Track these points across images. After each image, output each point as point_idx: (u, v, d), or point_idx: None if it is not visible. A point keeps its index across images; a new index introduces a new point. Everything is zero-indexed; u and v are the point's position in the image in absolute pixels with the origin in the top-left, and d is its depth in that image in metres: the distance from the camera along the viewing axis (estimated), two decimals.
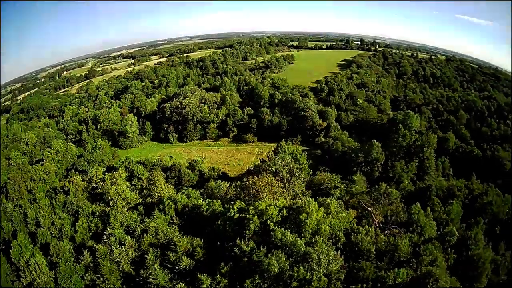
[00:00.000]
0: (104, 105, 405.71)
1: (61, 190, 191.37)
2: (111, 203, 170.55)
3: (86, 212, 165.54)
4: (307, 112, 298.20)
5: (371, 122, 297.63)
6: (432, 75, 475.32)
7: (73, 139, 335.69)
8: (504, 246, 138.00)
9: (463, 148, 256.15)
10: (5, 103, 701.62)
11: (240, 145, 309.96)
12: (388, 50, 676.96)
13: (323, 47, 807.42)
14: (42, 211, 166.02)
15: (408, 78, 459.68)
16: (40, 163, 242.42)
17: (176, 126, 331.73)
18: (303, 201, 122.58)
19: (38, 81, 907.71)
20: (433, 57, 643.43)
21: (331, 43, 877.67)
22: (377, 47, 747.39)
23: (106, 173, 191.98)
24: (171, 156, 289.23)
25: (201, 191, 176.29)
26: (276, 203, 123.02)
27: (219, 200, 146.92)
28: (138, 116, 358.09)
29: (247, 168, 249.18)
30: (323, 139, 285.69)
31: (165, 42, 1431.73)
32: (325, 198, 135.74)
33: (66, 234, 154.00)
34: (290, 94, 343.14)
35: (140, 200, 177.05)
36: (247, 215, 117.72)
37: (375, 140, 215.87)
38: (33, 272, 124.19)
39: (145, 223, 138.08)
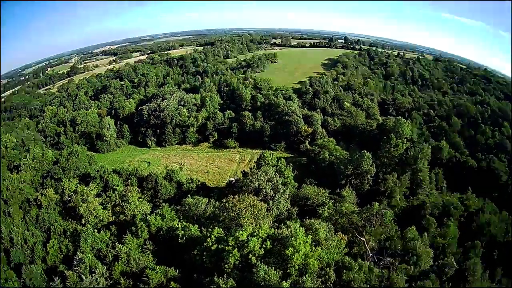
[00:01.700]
0: (83, 105, 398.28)
1: (34, 203, 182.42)
2: (83, 221, 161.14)
3: (58, 230, 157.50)
4: (291, 117, 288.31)
5: (359, 128, 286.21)
6: (421, 77, 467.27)
7: (51, 142, 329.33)
8: (501, 271, 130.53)
9: (457, 158, 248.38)
10: None
11: (221, 150, 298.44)
12: (374, 49, 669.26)
13: (306, 45, 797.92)
14: (16, 227, 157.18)
15: (396, 79, 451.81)
16: (17, 170, 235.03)
17: (155, 130, 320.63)
18: (289, 230, 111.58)
19: (23, 78, 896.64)
20: (420, 57, 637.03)
21: (315, 41, 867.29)
22: (362, 45, 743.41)
23: (79, 185, 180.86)
24: (149, 162, 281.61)
25: (178, 207, 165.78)
26: (259, 231, 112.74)
27: (196, 225, 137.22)
28: (116, 118, 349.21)
29: (228, 177, 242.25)
30: (308, 146, 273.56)
31: (147, 38, 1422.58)
32: (313, 221, 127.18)
33: (38, 254, 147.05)
34: (273, 97, 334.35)
35: (113, 218, 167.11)
36: (226, 247, 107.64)
37: (365, 151, 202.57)
38: None
39: (117, 249, 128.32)
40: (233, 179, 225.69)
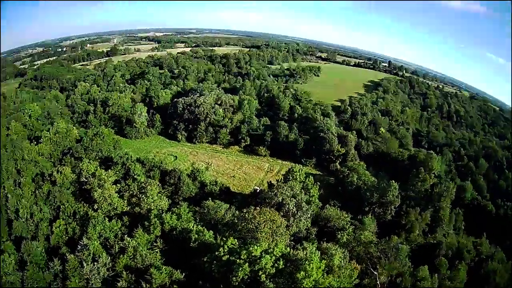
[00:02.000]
0: (118, 88, 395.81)
1: (48, 179, 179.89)
2: (96, 206, 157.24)
3: (67, 211, 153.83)
4: (326, 134, 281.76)
5: (391, 155, 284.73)
6: (456, 113, 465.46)
7: (78, 119, 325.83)
8: None
9: (477, 201, 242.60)
10: (23, 66, 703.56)
11: (251, 156, 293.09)
12: (415, 77, 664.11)
13: (351, 64, 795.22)
14: (24, 199, 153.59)
15: (433, 112, 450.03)
16: (37, 141, 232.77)
17: (187, 125, 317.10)
18: (304, 253, 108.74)
19: (60, 50, 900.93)
20: (458, 92, 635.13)
21: (359, 60, 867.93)
22: (404, 72, 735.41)
23: (98, 168, 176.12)
24: (176, 156, 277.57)
25: (196, 209, 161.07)
26: (273, 248, 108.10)
27: (211, 231, 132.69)
28: (149, 106, 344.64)
29: (254, 184, 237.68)
30: (338, 166, 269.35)
31: (194, 31, 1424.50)
32: (330, 245, 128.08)
33: (42, 232, 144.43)
34: (311, 111, 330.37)
35: (128, 208, 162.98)
36: (238, 260, 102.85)
37: (393, 181, 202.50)
38: (1, 271, 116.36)
39: (125, 241, 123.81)
40: (258, 188, 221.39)
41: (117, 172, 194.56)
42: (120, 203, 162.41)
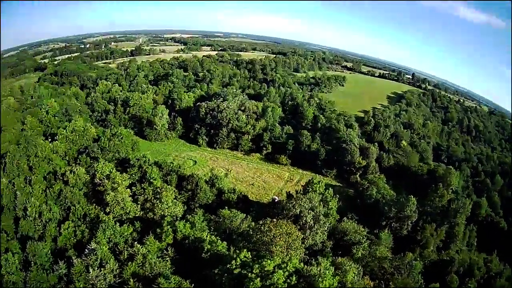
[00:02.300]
0: (140, 88, 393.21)
1: (61, 178, 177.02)
2: (107, 209, 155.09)
3: (78, 213, 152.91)
4: (348, 146, 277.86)
5: (411, 169, 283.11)
6: (475, 128, 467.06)
7: (98, 117, 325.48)
8: None
9: (491, 218, 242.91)
10: (44, 60, 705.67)
11: (271, 165, 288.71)
12: (437, 91, 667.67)
13: (376, 75, 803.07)
14: (33, 197, 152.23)
15: (453, 126, 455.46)
16: (53, 138, 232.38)
17: (208, 129, 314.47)
18: (318, 269, 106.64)
19: (83, 46, 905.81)
20: (477, 107, 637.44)
21: (384, 71, 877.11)
22: (427, 85, 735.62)
23: (113, 171, 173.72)
24: (195, 161, 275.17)
25: (212, 217, 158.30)
26: (287, 263, 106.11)
27: (224, 242, 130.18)
28: (171, 109, 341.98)
29: (272, 194, 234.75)
30: (358, 179, 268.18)
31: (221, 35, 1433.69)
32: (344, 260, 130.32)
33: (49, 232, 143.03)
34: (335, 121, 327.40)
35: (141, 214, 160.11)
36: (249, 274, 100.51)
37: (411, 196, 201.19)
38: (3, 270, 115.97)
39: (134, 248, 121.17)
40: (276, 197, 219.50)
41: (133, 175, 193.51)
42: (133, 208, 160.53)
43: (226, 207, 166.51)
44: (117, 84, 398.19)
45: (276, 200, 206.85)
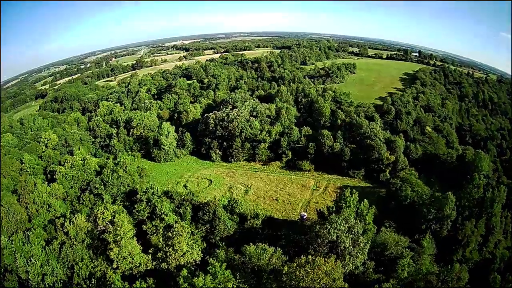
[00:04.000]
0: (143, 105, 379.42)
1: (61, 229, 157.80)
2: (114, 265, 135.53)
3: (82, 273, 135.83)
4: (373, 141, 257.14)
5: (440, 158, 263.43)
6: (490, 100, 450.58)
7: (101, 143, 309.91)
8: None
9: None
10: (44, 87, 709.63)
11: (294, 173, 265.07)
12: (446, 66, 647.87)
13: (383, 57, 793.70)
14: (33, 258, 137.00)
15: (469, 102, 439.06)
16: (52, 176, 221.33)
17: (221, 142, 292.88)
18: None
19: (84, 66, 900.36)
20: (487, 77, 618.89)
21: (390, 52, 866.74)
22: (435, 61, 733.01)
23: (116, 215, 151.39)
24: (211, 180, 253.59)
25: (236, 257, 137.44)
26: None
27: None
28: (178, 123, 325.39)
29: (300, 207, 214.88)
30: (388, 176, 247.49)
31: (222, 36, 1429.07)
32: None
33: None
34: (355, 115, 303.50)
35: (153, 265, 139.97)
36: None
37: (450, 193, 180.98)
38: None
39: None
40: (305, 214, 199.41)
41: (142, 211, 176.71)
42: (144, 259, 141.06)
43: (251, 243, 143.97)
44: (118, 104, 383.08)
45: (304, 217, 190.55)
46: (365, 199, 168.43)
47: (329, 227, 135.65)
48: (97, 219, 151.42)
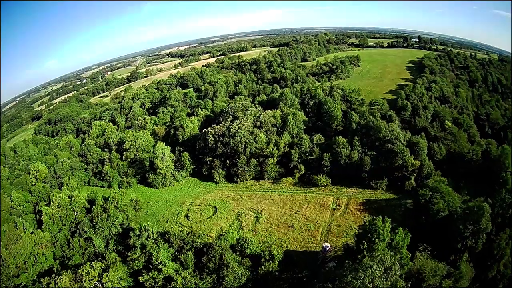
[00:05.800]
0: (137, 122, 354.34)
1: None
2: None
3: None
4: (395, 146, 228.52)
5: (465, 156, 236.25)
6: (499, 82, 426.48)
7: (94, 170, 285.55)
8: None
9: None
10: (41, 107, 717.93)
11: (309, 189, 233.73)
12: (449, 49, 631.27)
13: (384, 45, 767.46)
14: None
15: (480, 87, 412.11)
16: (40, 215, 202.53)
17: (223, 160, 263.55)
18: None
19: (80, 82, 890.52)
20: (490, 58, 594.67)
21: (390, 40, 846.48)
22: (436, 45, 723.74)
23: (104, 273, 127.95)
24: (215, 207, 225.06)
25: None
26: None
27: None
28: (175, 141, 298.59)
29: (320, 234, 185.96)
30: (414, 184, 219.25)
31: (218, 39, 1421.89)
32: None
33: None
34: (370, 116, 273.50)
35: None
36: None
37: (486, 205, 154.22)
38: None
39: None
40: (328, 245, 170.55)
41: (137, 261, 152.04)
42: None
43: None
44: (111, 123, 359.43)
45: (327, 249, 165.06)
46: (399, 228, 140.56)
47: (363, 275, 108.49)
48: (83, 278, 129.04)
